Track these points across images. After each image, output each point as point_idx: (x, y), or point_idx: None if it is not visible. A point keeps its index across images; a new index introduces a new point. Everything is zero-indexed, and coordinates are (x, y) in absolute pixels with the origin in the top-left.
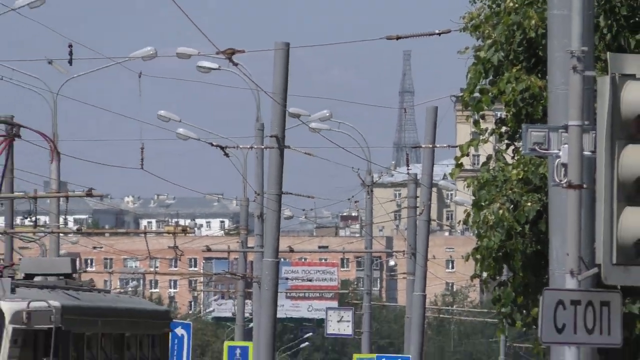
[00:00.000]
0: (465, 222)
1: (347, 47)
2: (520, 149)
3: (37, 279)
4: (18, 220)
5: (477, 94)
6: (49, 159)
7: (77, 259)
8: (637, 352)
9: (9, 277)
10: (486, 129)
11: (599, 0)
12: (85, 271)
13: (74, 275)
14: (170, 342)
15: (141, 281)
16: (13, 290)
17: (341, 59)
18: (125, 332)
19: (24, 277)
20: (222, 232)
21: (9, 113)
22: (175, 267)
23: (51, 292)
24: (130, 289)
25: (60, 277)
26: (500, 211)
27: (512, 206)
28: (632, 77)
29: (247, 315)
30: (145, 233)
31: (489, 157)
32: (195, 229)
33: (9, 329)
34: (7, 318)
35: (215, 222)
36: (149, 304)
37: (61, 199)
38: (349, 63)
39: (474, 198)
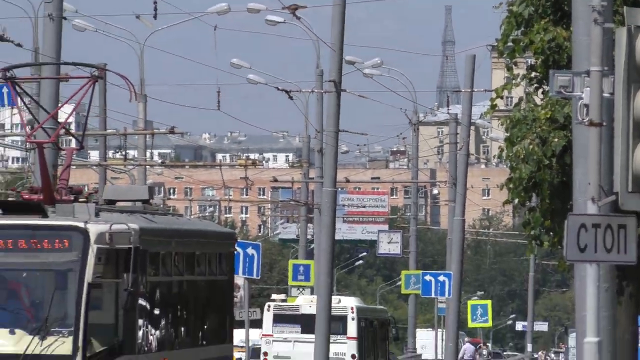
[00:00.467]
0: (499, 156)
1: (394, 2)
2: (548, 92)
3: (118, 204)
4: (110, 154)
5: (510, 44)
6: (134, 99)
7: (162, 188)
8: None
9: (93, 202)
10: (518, 74)
11: None
12: (169, 199)
13: (150, 201)
14: (235, 260)
15: (217, 207)
16: (97, 214)
17: (389, 13)
18: (195, 250)
19: (107, 202)
20: (287, 165)
21: (101, 62)
22: (246, 195)
23: (130, 216)
24: (207, 214)
25: (139, 202)
26: (530, 146)
27: (540, 142)
28: None
29: (309, 237)
30: (220, 165)
31: (520, 99)
32: (264, 162)
33: (94, 248)
34: (92, 239)
35: (281, 156)
36: (217, 226)
37: (147, 135)
38: (396, 16)
39: (507, 135)
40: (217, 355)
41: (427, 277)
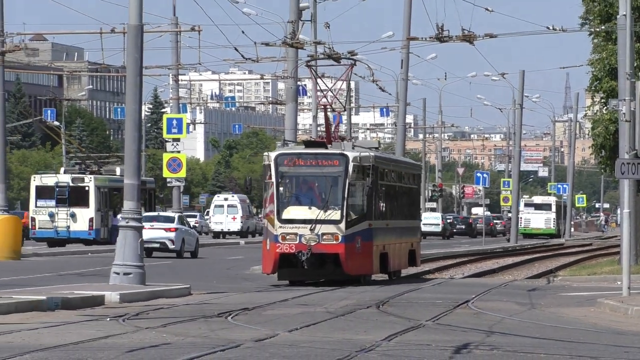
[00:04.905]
0: (589, 134)
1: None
2: (609, 107)
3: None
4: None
5: (593, 88)
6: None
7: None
8: None
9: (351, 142)
10: (596, 100)
11: None
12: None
13: (377, 147)
14: (421, 178)
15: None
16: (353, 148)
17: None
18: (402, 170)
19: (359, 145)
20: None
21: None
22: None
23: (370, 150)
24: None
25: (372, 147)
26: (602, 130)
27: (605, 129)
28: None
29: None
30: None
31: (597, 111)
32: None
33: (351, 165)
34: (350, 160)
35: None
36: (412, 161)
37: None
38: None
39: (592, 125)
40: (412, 225)
41: (558, 185)
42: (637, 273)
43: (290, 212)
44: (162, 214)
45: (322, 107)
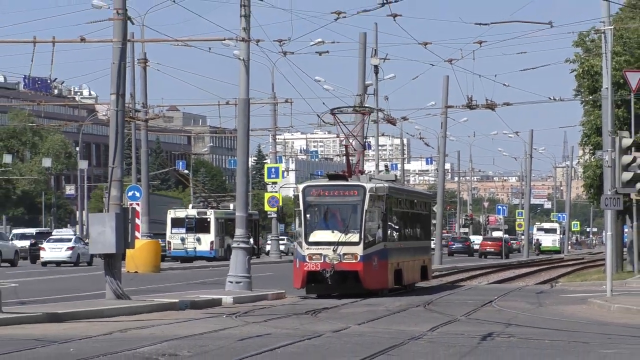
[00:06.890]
0: (582, 176)
1: None
2: (596, 156)
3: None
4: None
5: (584, 142)
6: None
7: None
8: None
9: (368, 175)
10: (587, 151)
11: None
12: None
13: (394, 180)
14: (431, 206)
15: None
16: (370, 180)
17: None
18: (414, 199)
19: (376, 178)
20: None
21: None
22: None
23: (385, 182)
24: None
25: (389, 180)
26: (591, 174)
27: (593, 172)
28: None
29: None
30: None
31: (587, 159)
32: None
33: (368, 194)
34: (367, 190)
35: None
36: (424, 191)
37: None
38: None
39: (584, 169)
40: (424, 245)
41: (559, 214)
42: (617, 279)
43: (316, 235)
44: None
45: (344, 147)
